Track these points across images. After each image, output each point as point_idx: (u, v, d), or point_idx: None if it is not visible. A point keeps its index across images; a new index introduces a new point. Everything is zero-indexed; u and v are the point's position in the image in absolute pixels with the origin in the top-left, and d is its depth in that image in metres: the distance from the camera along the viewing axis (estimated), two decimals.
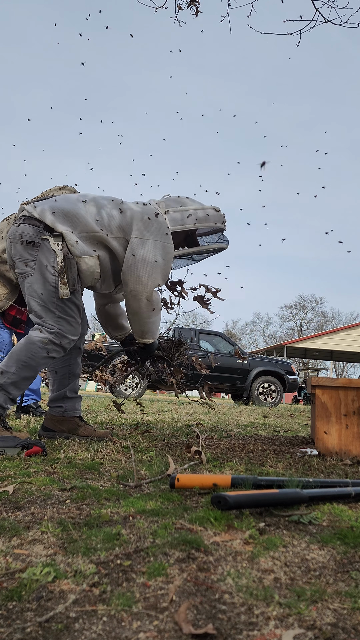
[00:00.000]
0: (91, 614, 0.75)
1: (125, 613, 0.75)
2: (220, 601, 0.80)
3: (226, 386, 9.18)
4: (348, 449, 2.06)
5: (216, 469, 1.77)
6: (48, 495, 1.36)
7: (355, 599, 0.82)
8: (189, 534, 1.07)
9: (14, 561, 0.92)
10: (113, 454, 2.02)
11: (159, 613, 0.76)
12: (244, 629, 0.72)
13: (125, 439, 2.46)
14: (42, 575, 0.86)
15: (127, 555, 0.96)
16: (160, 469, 1.74)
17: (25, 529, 1.09)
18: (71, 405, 2.44)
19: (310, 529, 1.16)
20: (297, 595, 0.83)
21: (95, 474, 1.66)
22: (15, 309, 3.47)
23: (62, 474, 1.62)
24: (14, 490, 1.39)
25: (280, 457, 2.04)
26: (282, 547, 1.04)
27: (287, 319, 46.00)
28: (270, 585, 0.86)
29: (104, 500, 1.33)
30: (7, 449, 1.91)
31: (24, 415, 3.53)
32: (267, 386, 9.32)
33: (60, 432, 2.40)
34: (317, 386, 2.12)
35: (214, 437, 2.61)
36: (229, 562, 0.95)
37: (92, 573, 0.88)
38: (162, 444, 2.33)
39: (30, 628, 0.70)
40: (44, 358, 2.13)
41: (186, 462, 1.87)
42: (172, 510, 1.24)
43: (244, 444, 2.34)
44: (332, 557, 1.00)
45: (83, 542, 1.01)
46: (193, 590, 0.84)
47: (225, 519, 1.17)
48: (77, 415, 2.45)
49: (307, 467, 1.84)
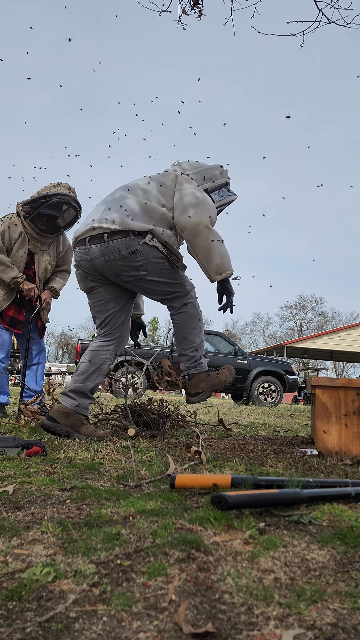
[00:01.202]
0: (91, 614, 0.75)
1: (125, 613, 0.75)
2: (220, 601, 0.80)
3: (226, 386, 9.17)
4: (348, 449, 2.06)
5: (216, 469, 1.77)
6: (48, 495, 1.36)
7: (355, 599, 0.82)
8: (189, 534, 1.07)
9: (14, 561, 0.92)
10: (113, 454, 2.02)
11: (159, 613, 0.76)
12: (244, 629, 0.72)
13: (125, 439, 2.46)
14: (42, 575, 0.86)
15: (127, 555, 0.96)
16: (160, 469, 1.74)
17: (25, 529, 1.09)
18: (85, 403, 2.46)
19: (310, 529, 1.16)
20: (297, 595, 0.83)
21: (95, 474, 1.66)
22: (12, 310, 3.46)
23: (62, 474, 1.62)
24: (14, 490, 1.39)
25: (280, 457, 2.04)
26: (282, 547, 1.04)
27: (287, 319, 46.03)
28: (270, 585, 0.86)
29: (104, 500, 1.33)
30: (7, 449, 1.91)
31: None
32: (267, 386, 9.32)
33: (63, 425, 2.41)
34: (317, 386, 2.12)
35: (214, 437, 2.61)
36: (229, 562, 0.95)
37: (92, 573, 0.88)
38: (162, 444, 2.33)
39: (30, 628, 0.70)
40: (200, 312, 2.65)
41: (186, 462, 1.87)
42: (172, 510, 1.24)
43: (244, 444, 2.33)
44: (332, 557, 1.00)
45: (83, 542, 1.01)
46: (193, 590, 0.84)
47: (225, 519, 1.17)
48: (85, 415, 2.46)
49: (307, 467, 1.84)
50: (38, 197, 3.32)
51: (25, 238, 3.42)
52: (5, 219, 3.42)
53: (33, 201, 3.33)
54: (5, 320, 3.43)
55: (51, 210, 3.32)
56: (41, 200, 3.30)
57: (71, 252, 3.75)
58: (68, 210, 3.38)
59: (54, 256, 3.62)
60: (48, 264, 3.56)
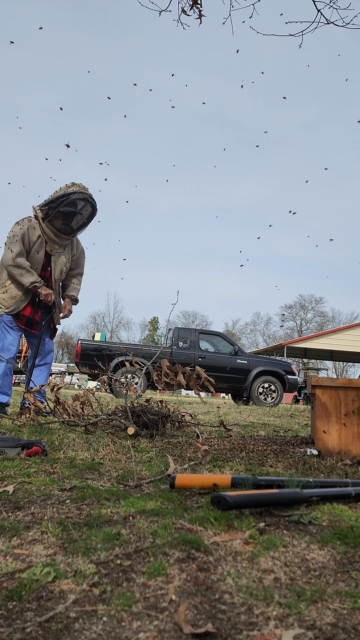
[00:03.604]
0: (91, 614, 0.75)
1: (125, 613, 0.75)
2: (220, 601, 0.80)
3: (226, 386, 9.18)
4: (348, 449, 2.06)
5: (216, 469, 1.77)
6: (48, 495, 1.36)
7: (355, 599, 0.82)
8: (189, 534, 1.07)
9: (14, 561, 0.92)
10: (113, 454, 2.02)
11: (159, 613, 0.76)
12: (244, 629, 0.72)
13: (125, 439, 2.46)
14: (42, 575, 0.85)
15: (127, 555, 0.96)
16: (160, 469, 1.74)
17: (25, 529, 1.09)
18: None
19: (310, 529, 1.16)
20: (297, 595, 0.83)
21: (95, 474, 1.66)
22: (29, 310, 3.49)
23: (62, 474, 1.62)
24: (14, 490, 1.39)
25: (280, 457, 2.04)
26: (282, 547, 1.04)
27: (287, 319, 46.01)
28: (270, 585, 0.86)
29: (104, 500, 1.33)
30: (7, 449, 1.91)
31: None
32: (267, 386, 9.32)
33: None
34: (317, 386, 2.12)
35: (214, 438, 2.61)
36: (229, 562, 0.95)
37: (92, 573, 0.88)
38: (162, 444, 2.33)
39: (30, 628, 0.70)
40: None
41: (186, 462, 1.87)
42: (172, 510, 1.24)
43: (244, 444, 2.33)
44: (332, 557, 1.00)
45: (83, 542, 1.01)
46: (193, 590, 0.84)
47: (225, 519, 1.17)
48: None
49: (307, 467, 1.84)
50: (55, 197, 3.38)
51: (43, 240, 3.47)
52: (23, 221, 3.44)
53: (51, 202, 3.38)
54: (21, 321, 3.47)
55: (70, 207, 3.37)
56: (60, 199, 3.36)
57: (84, 255, 3.85)
58: (85, 207, 3.45)
59: (69, 258, 3.68)
60: (63, 265, 3.62)
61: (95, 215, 3.54)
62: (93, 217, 3.55)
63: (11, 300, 3.42)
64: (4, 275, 3.46)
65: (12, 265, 3.35)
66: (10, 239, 3.38)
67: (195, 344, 9.22)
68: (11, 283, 3.43)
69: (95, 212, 3.51)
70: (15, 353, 3.47)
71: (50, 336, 3.69)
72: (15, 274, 3.36)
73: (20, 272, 3.36)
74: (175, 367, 2.84)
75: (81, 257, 3.80)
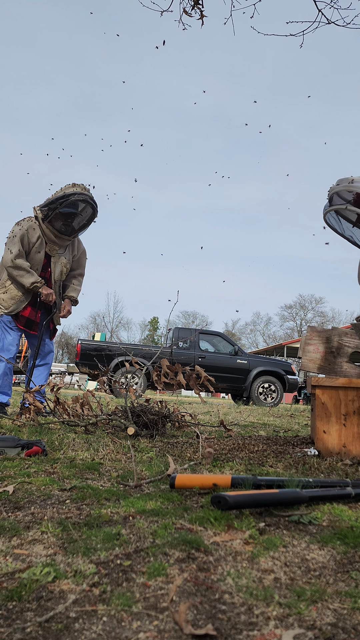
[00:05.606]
0: (91, 614, 0.75)
1: (125, 613, 0.75)
2: (220, 601, 0.80)
3: (226, 386, 9.18)
4: (348, 449, 2.06)
5: (216, 469, 1.77)
6: (48, 495, 1.36)
7: (355, 599, 0.82)
8: (189, 534, 1.07)
9: (14, 561, 0.92)
10: (113, 454, 2.02)
11: (159, 613, 0.76)
12: (244, 629, 0.72)
13: (125, 439, 2.46)
14: (42, 575, 0.85)
15: (127, 555, 0.96)
16: (160, 469, 1.74)
17: (25, 529, 1.09)
18: None
19: (310, 529, 1.16)
20: (297, 595, 0.83)
21: (95, 474, 1.66)
22: (28, 311, 3.49)
23: (62, 474, 1.62)
24: (14, 490, 1.39)
25: (280, 457, 2.04)
26: (282, 547, 1.04)
27: (287, 319, 46.03)
28: (270, 585, 0.86)
29: (104, 500, 1.33)
30: (7, 449, 1.91)
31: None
32: (267, 386, 9.32)
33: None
34: (317, 386, 2.12)
35: (214, 438, 2.61)
36: (229, 562, 0.95)
37: (92, 573, 0.88)
38: (162, 444, 2.33)
39: (30, 628, 0.70)
40: None
41: (186, 462, 1.87)
42: (172, 510, 1.24)
43: (244, 444, 2.33)
44: (332, 557, 1.00)
45: (83, 542, 1.01)
46: (193, 590, 0.84)
47: (225, 519, 1.17)
48: None
49: (307, 467, 1.84)
50: (56, 198, 3.36)
51: (42, 241, 3.46)
52: (23, 222, 3.43)
53: (51, 202, 3.36)
54: (21, 322, 3.46)
55: (70, 209, 3.35)
56: (60, 200, 3.34)
57: (85, 255, 3.82)
58: (86, 208, 3.43)
59: (70, 259, 3.66)
60: (64, 266, 3.61)
61: (95, 216, 3.52)
62: (94, 218, 3.54)
63: (11, 301, 3.42)
64: (4, 276, 3.46)
65: (12, 266, 3.34)
66: (10, 240, 3.38)
67: (195, 344, 9.22)
68: (11, 283, 3.43)
69: (95, 213, 3.50)
70: (15, 353, 3.47)
71: (50, 337, 3.68)
72: (15, 275, 3.36)
73: (20, 274, 3.36)
74: (175, 367, 2.84)
75: (82, 257, 3.79)
